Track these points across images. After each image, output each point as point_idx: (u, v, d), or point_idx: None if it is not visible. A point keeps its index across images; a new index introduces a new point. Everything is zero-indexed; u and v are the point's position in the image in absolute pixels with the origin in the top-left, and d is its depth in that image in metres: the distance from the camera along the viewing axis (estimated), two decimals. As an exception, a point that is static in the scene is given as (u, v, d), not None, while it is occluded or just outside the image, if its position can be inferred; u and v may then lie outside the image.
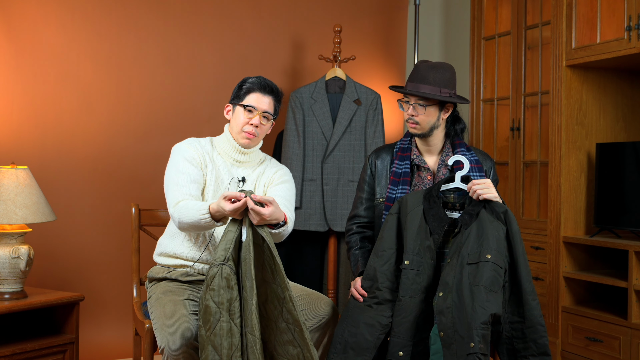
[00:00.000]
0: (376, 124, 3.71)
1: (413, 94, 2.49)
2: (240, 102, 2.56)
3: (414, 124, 2.52)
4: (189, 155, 2.54)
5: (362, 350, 2.31)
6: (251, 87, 2.55)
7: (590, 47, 3.28)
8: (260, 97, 2.55)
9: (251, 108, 2.54)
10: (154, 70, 3.71)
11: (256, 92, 2.55)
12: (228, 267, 2.19)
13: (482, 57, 4.07)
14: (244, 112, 2.55)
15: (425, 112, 2.49)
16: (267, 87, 2.57)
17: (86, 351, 3.40)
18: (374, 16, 4.45)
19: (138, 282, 2.87)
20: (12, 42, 3.35)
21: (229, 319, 2.19)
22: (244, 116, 2.55)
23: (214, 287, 2.19)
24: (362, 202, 2.65)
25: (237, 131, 2.57)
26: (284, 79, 4.13)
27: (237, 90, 2.60)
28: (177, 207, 2.43)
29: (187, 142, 2.59)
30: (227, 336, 2.19)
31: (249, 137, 2.55)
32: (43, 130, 3.42)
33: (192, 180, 2.49)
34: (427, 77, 2.48)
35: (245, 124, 2.54)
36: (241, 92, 2.57)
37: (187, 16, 3.81)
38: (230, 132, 2.60)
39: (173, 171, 2.52)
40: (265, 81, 2.58)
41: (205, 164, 2.56)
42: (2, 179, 2.87)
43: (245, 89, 2.56)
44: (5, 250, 2.87)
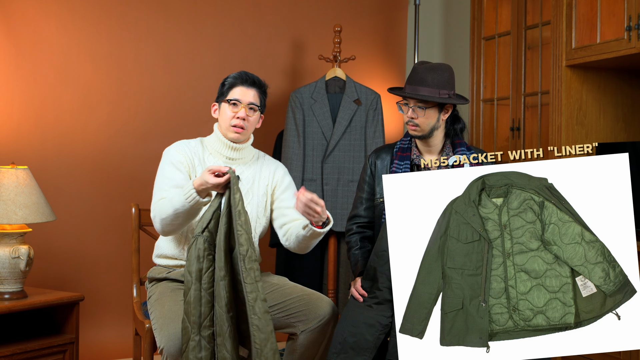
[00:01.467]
0: (376, 124, 3.71)
1: (412, 96, 2.49)
2: (225, 98, 2.58)
3: (414, 126, 2.52)
4: (176, 160, 2.54)
5: (361, 351, 2.31)
6: (233, 81, 2.58)
7: (590, 47, 3.28)
8: (244, 90, 2.57)
9: (235, 101, 2.56)
10: (154, 70, 3.71)
11: (239, 86, 2.58)
12: (202, 238, 2.22)
13: (482, 57, 4.07)
14: (229, 106, 2.56)
15: (425, 114, 2.49)
16: (250, 79, 2.59)
17: (86, 351, 3.40)
18: (374, 16, 4.45)
19: (138, 282, 2.87)
20: (12, 42, 3.35)
21: (199, 288, 2.21)
22: (230, 111, 2.56)
23: (189, 257, 2.23)
24: (362, 202, 2.65)
25: (226, 127, 2.58)
26: (284, 79, 4.13)
27: (220, 88, 2.62)
28: (154, 207, 2.43)
29: (176, 145, 2.60)
30: (196, 304, 2.19)
31: (237, 131, 2.57)
32: (43, 130, 3.42)
33: (175, 185, 2.48)
34: (425, 79, 2.48)
35: (232, 118, 2.56)
36: (224, 88, 2.59)
37: (187, 16, 3.81)
38: (219, 129, 2.62)
39: (159, 176, 2.54)
40: (247, 74, 2.60)
41: (194, 166, 2.56)
42: (2, 179, 2.87)
43: (228, 85, 2.59)
44: (5, 250, 2.87)
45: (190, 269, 2.22)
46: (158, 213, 2.40)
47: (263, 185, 2.65)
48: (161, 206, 2.39)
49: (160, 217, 2.39)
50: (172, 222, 2.38)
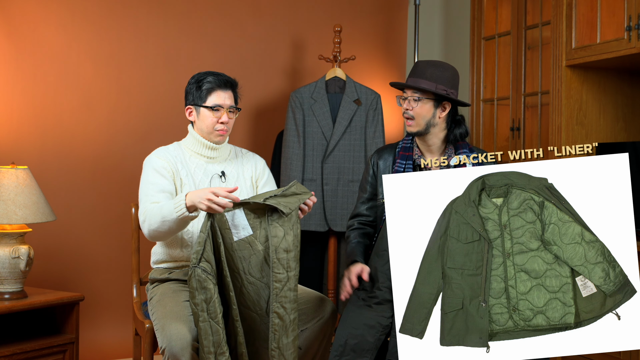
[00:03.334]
0: (376, 124, 3.71)
1: (407, 86, 2.49)
2: (204, 103, 2.56)
3: (409, 119, 2.52)
4: (158, 166, 2.54)
5: (363, 352, 2.31)
6: (211, 86, 2.56)
7: (590, 47, 3.28)
8: (222, 95, 2.57)
9: (218, 107, 2.55)
10: (154, 70, 3.71)
11: (217, 91, 2.57)
12: (199, 269, 2.22)
13: (482, 57, 4.07)
14: (210, 112, 2.55)
15: (419, 105, 2.49)
16: (226, 82, 2.58)
17: (86, 351, 3.40)
18: (374, 16, 4.45)
19: (138, 282, 2.87)
20: (12, 42, 3.35)
21: (209, 319, 2.22)
22: (212, 116, 2.56)
23: (191, 289, 2.24)
24: (364, 202, 2.65)
25: (208, 132, 2.58)
26: (284, 79, 4.13)
27: (194, 91, 2.59)
28: (143, 212, 2.42)
29: (156, 152, 2.61)
30: (207, 335, 2.22)
31: (222, 134, 2.59)
32: (43, 130, 3.42)
33: (160, 190, 2.48)
34: (424, 72, 2.49)
35: (215, 123, 2.56)
36: (202, 93, 2.57)
37: (187, 16, 3.81)
38: (199, 132, 2.61)
39: (144, 183, 2.53)
40: (221, 77, 2.58)
41: (177, 171, 2.56)
42: (2, 179, 2.87)
43: (205, 90, 2.56)
44: (5, 250, 2.87)
45: (196, 300, 2.23)
46: (147, 218, 2.39)
47: (248, 177, 2.67)
48: (150, 211, 2.38)
49: (149, 222, 2.38)
50: (158, 229, 2.37)
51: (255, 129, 4.05)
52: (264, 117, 4.06)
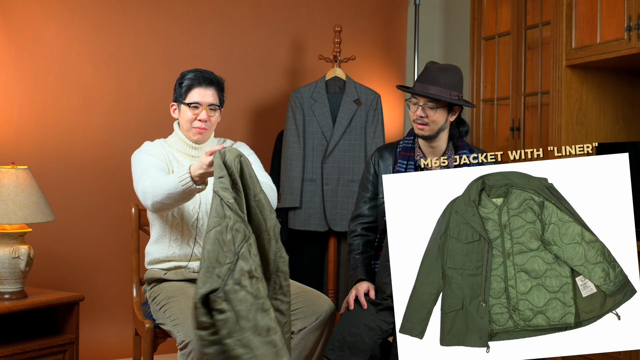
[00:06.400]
0: (376, 124, 3.71)
1: (424, 95, 2.48)
2: (184, 100, 2.56)
3: (423, 125, 2.50)
4: (152, 152, 2.54)
5: (357, 352, 2.31)
6: (191, 83, 2.55)
7: (590, 47, 3.28)
8: (202, 92, 2.55)
9: (196, 104, 2.55)
10: (154, 70, 3.71)
11: (197, 87, 2.55)
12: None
13: (482, 57, 4.07)
14: (189, 109, 2.55)
15: (436, 113, 2.49)
16: (207, 79, 2.56)
17: (86, 351, 3.40)
18: (374, 16, 4.45)
19: (138, 282, 2.87)
20: (12, 42, 3.35)
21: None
22: (190, 113, 2.55)
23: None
24: (365, 202, 2.64)
25: (187, 128, 2.58)
26: (284, 79, 4.13)
27: (177, 88, 2.59)
28: (150, 183, 2.34)
29: (144, 145, 2.60)
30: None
31: (200, 131, 2.57)
32: (43, 130, 3.42)
33: (159, 168, 2.47)
34: (437, 79, 2.48)
35: (193, 120, 2.56)
36: (182, 89, 2.56)
37: (187, 16, 3.81)
38: (181, 130, 2.61)
39: (137, 165, 2.49)
40: (203, 74, 2.57)
41: (170, 161, 2.57)
42: (2, 179, 2.87)
43: (185, 87, 2.56)
44: (5, 250, 2.87)
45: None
46: (150, 190, 2.33)
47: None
48: (155, 184, 2.32)
49: (153, 194, 2.32)
50: (162, 202, 2.32)
51: (255, 129, 4.05)
52: (264, 117, 4.06)
